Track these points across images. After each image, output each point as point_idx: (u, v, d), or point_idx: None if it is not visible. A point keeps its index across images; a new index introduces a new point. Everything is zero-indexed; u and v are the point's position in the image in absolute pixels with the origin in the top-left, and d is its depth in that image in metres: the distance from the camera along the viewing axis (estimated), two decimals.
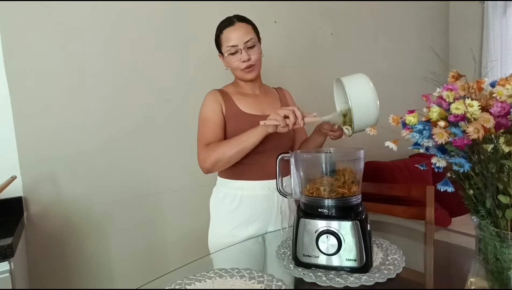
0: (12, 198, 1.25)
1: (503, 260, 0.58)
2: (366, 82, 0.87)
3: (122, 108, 1.51)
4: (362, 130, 0.89)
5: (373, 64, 2.50)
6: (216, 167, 1.08)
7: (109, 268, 1.50)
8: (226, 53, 1.11)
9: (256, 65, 1.13)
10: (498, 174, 0.56)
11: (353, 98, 0.84)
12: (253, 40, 1.10)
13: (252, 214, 1.14)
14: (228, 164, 1.07)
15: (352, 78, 0.89)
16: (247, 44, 1.09)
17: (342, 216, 0.79)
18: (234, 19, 1.12)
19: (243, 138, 1.03)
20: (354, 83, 0.87)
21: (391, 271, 0.78)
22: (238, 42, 1.08)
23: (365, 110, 0.85)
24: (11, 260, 0.94)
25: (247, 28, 1.11)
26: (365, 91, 0.85)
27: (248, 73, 1.13)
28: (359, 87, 0.86)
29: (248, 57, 1.09)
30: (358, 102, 0.84)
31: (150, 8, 1.56)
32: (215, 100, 1.15)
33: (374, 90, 0.86)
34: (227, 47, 1.10)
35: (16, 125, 1.29)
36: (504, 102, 0.53)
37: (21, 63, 1.30)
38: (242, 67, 1.11)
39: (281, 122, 0.94)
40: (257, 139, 1.02)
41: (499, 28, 2.63)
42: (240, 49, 1.09)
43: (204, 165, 1.08)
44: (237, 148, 1.03)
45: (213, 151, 1.06)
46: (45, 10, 1.33)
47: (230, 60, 1.12)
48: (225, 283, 0.77)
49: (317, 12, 2.15)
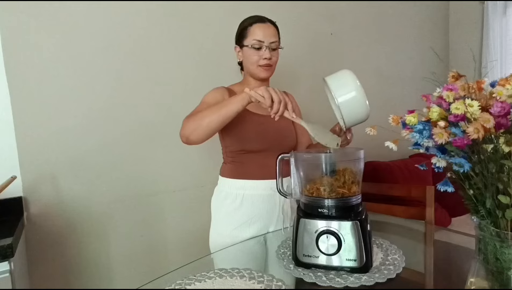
0: (12, 198, 1.25)
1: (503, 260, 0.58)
2: (349, 76, 0.87)
3: (122, 108, 1.51)
4: (356, 124, 0.91)
5: (373, 64, 2.50)
6: (195, 133, 0.98)
7: (109, 268, 1.50)
8: (250, 46, 1.13)
9: (273, 67, 1.17)
10: (498, 174, 0.56)
11: (338, 95, 0.85)
12: (277, 43, 1.16)
13: (254, 214, 1.14)
14: (207, 130, 0.96)
15: (335, 76, 0.90)
16: (271, 45, 1.13)
17: (342, 216, 0.79)
18: (265, 18, 1.16)
19: (225, 102, 0.96)
20: (338, 80, 0.88)
21: (391, 271, 0.78)
22: (265, 39, 1.12)
23: (353, 104, 0.85)
24: (11, 260, 0.94)
25: (275, 31, 1.16)
26: (349, 85, 0.85)
27: (264, 71, 1.15)
28: (343, 82, 0.86)
29: (270, 56, 1.13)
30: (345, 98, 0.85)
31: (151, 8, 1.56)
32: (219, 93, 1.16)
33: (358, 82, 0.85)
34: (253, 40, 1.12)
35: (16, 125, 1.29)
36: (504, 102, 0.53)
37: (21, 63, 1.30)
38: (261, 64, 1.13)
39: (266, 101, 0.88)
40: (239, 106, 0.93)
41: (499, 28, 2.63)
42: (266, 46, 1.12)
43: (183, 132, 1.00)
44: (218, 113, 0.94)
45: (194, 117, 0.99)
46: (46, 10, 1.33)
47: (251, 54, 1.13)
48: (225, 283, 0.77)
49: (317, 12, 2.15)
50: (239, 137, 1.15)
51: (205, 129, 0.96)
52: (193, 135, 0.98)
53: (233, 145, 1.17)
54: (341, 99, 0.85)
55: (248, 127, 1.07)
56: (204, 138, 0.99)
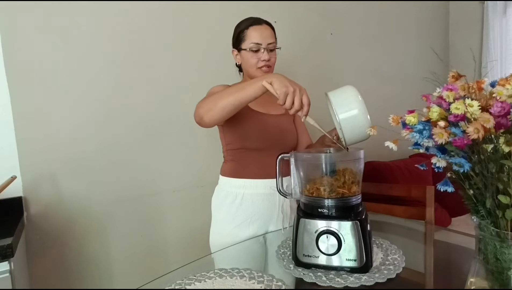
0: (12, 198, 1.25)
1: (503, 260, 0.58)
2: (352, 94, 0.84)
3: (122, 108, 1.51)
4: (356, 142, 0.87)
5: (373, 64, 2.50)
6: (210, 114, 0.96)
7: (109, 268, 1.50)
8: (248, 49, 1.12)
9: (272, 68, 1.16)
10: (498, 174, 0.56)
11: (340, 113, 0.82)
12: (275, 44, 1.15)
13: (254, 213, 1.15)
14: (222, 112, 0.95)
15: (338, 92, 0.87)
16: (269, 46, 1.13)
17: (342, 216, 0.79)
18: (261, 20, 1.15)
19: (242, 85, 0.94)
20: (341, 97, 0.85)
21: (391, 271, 0.78)
22: (263, 41, 1.12)
23: (354, 123, 0.82)
24: (11, 260, 0.94)
25: (271, 32, 1.15)
26: (352, 104, 0.83)
27: (263, 73, 1.14)
28: (346, 101, 0.84)
29: (268, 58, 1.13)
30: (346, 116, 0.82)
31: (151, 8, 1.56)
32: (224, 87, 1.15)
33: (362, 101, 0.83)
34: (251, 43, 1.12)
35: (16, 125, 1.29)
36: (504, 102, 0.53)
37: (21, 63, 1.30)
38: (260, 65, 1.13)
39: (280, 100, 0.86)
40: (257, 92, 0.91)
41: (499, 28, 2.63)
42: (263, 48, 1.12)
43: (198, 112, 0.99)
44: (235, 95, 0.93)
45: (209, 98, 0.99)
46: (46, 10, 1.33)
47: (250, 57, 1.13)
48: (225, 283, 0.77)
49: (317, 12, 2.15)
50: (240, 135, 1.15)
51: (220, 110, 0.94)
52: (207, 116, 0.97)
53: (234, 142, 1.18)
54: (342, 116, 0.82)
55: (250, 125, 1.08)
56: (217, 120, 0.98)
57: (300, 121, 1.31)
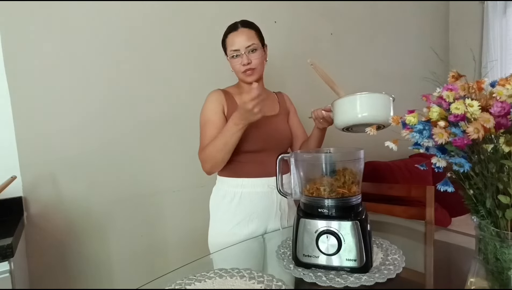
0: (12, 198, 1.25)
1: (503, 260, 0.58)
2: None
3: (122, 108, 1.51)
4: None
5: (373, 64, 2.50)
6: (215, 167, 1.14)
7: (109, 268, 1.50)
8: (229, 57, 1.15)
9: (257, 69, 1.15)
10: (498, 174, 0.56)
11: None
12: (254, 45, 1.13)
13: (252, 211, 1.15)
14: (223, 162, 1.11)
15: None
16: (248, 49, 1.12)
17: (342, 216, 0.79)
18: (238, 24, 1.15)
19: (228, 134, 1.05)
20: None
21: (391, 271, 0.78)
22: (240, 47, 1.12)
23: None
24: (11, 260, 0.94)
25: (250, 33, 1.14)
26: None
27: (248, 76, 1.15)
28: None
29: (248, 61, 1.13)
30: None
31: (151, 8, 1.56)
32: (217, 101, 1.17)
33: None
34: (230, 51, 1.14)
35: (16, 125, 1.29)
36: (504, 102, 0.53)
37: (21, 63, 1.30)
38: (242, 70, 1.14)
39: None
40: (240, 134, 1.04)
41: (499, 28, 2.63)
42: (242, 53, 1.12)
43: (204, 168, 1.14)
44: (226, 148, 1.06)
45: (207, 154, 1.09)
46: (46, 9, 1.33)
47: (233, 63, 1.16)
48: (225, 283, 0.77)
49: (317, 12, 2.15)
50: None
51: (221, 162, 1.11)
52: (214, 169, 1.15)
53: None
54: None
55: (247, 129, 1.08)
56: (223, 166, 1.14)
57: (294, 118, 1.33)
